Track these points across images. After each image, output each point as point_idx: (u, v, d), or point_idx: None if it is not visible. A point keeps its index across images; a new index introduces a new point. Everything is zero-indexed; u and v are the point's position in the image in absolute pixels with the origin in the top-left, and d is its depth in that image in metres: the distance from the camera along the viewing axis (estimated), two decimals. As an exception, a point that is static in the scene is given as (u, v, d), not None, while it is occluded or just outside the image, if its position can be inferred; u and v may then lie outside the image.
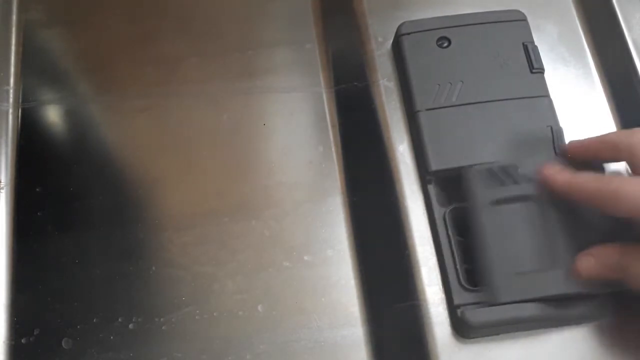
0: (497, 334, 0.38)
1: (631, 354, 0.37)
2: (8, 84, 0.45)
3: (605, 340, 0.38)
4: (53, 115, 0.45)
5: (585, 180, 0.36)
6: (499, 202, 0.38)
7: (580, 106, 0.45)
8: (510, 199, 0.39)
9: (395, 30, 0.45)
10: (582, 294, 0.36)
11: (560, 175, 0.37)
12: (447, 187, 0.40)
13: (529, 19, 0.44)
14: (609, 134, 0.38)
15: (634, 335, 0.38)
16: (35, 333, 0.39)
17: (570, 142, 0.40)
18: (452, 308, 0.38)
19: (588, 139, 0.39)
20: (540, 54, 0.43)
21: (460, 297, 0.37)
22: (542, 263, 0.37)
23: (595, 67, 0.46)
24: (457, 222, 0.39)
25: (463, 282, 0.37)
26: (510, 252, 0.37)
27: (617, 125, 0.44)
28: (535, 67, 0.42)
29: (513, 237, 0.38)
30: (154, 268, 0.40)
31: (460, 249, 0.38)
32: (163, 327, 0.39)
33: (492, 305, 0.36)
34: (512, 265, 0.37)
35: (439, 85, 0.42)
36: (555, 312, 0.36)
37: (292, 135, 0.43)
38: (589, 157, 0.39)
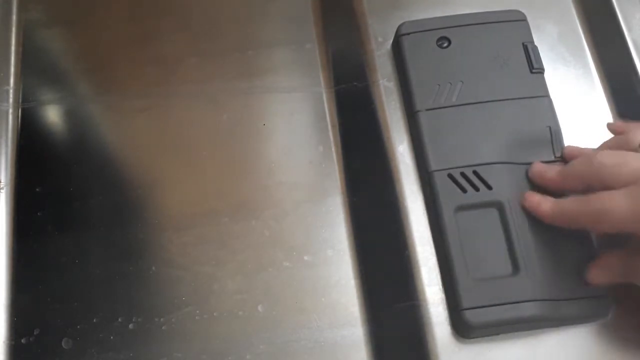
0: (497, 334, 0.38)
1: (631, 354, 0.37)
2: (8, 84, 0.45)
3: (605, 340, 0.38)
4: (53, 115, 0.45)
5: (567, 205, 0.36)
6: (464, 207, 0.39)
7: (580, 106, 0.45)
8: (476, 205, 0.39)
9: (395, 30, 0.45)
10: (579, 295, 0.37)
11: (543, 204, 0.38)
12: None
13: (529, 19, 0.44)
14: (568, 168, 0.38)
15: (633, 335, 0.38)
16: (35, 333, 0.39)
17: (534, 166, 0.40)
18: (452, 308, 0.38)
19: (550, 172, 0.39)
20: (540, 54, 0.43)
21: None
22: (506, 269, 0.38)
23: (595, 67, 0.46)
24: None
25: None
26: (475, 258, 0.38)
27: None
28: (535, 67, 0.42)
29: (478, 243, 0.38)
30: (153, 268, 0.40)
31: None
32: (163, 327, 0.39)
33: (492, 306, 0.36)
34: (476, 271, 0.37)
35: (438, 85, 0.42)
36: (555, 312, 0.37)
37: (292, 135, 0.43)
38: (555, 189, 0.38)
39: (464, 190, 0.39)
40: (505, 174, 0.40)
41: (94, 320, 0.39)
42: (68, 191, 0.42)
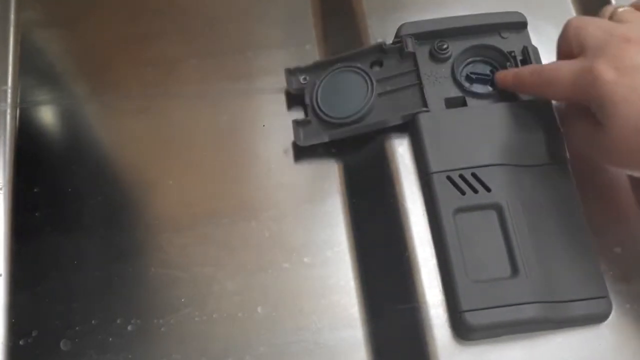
0: (497, 336, 0.38)
1: (631, 356, 0.38)
2: (6, 84, 0.45)
3: (605, 342, 0.38)
4: (51, 115, 0.45)
5: (525, 76, 0.40)
6: (463, 210, 0.39)
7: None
8: (475, 207, 0.39)
9: (394, 31, 0.45)
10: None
11: (507, 75, 0.41)
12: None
13: (529, 21, 0.44)
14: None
15: (633, 337, 0.38)
16: (33, 334, 0.39)
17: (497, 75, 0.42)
18: (452, 310, 0.38)
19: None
20: (540, 55, 0.43)
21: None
22: (506, 271, 0.38)
23: (595, 69, 0.46)
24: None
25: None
26: (474, 260, 0.38)
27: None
28: (534, 69, 0.42)
29: (477, 245, 0.38)
30: (153, 269, 0.40)
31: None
32: (162, 329, 0.39)
33: (491, 308, 0.36)
34: (476, 273, 0.37)
35: (438, 86, 0.42)
36: (555, 314, 0.37)
37: (291, 136, 0.43)
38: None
39: (462, 193, 0.39)
40: (504, 176, 0.39)
41: (93, 322, 0.39)
42: (66, 192, 0.42)
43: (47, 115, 0.45)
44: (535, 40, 0.44)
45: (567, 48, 0.38)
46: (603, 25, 0.37)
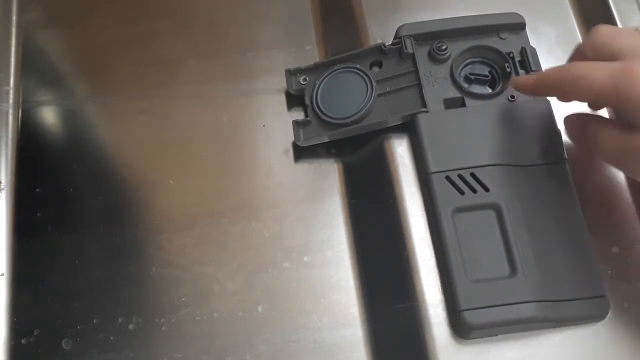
0: (496, 334, 0.38)
1: (629, 355, 0.38)
2: (8, 84, 0.46)
3: (603, 340, 0.38)
4: (53, 115, 0.45)
5: (549, 73, 0.37)
6: (461, 209, 0.39)
7: (578, 108, 0.45)
8: (473, 207, 0.39)
9: (394, 32, 0.45)
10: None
11: (529, 78, 0.38)
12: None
13: (527, 22, 0.44)
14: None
15: (632, 336, 0.38)
16: (35, 333, 0.39)
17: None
18: (451, 309, 0.38)
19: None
20: (538, 56, 0.43)
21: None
22: (504, 271, 0.38)
23: (593, 70, 0.46)
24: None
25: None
26: (473, 259, 0.38)
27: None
28: (533, 70, 0.42)
29: (476, 245, 0.38)
30: (154, 269, 0.40)
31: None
32: (163, 328, 0.39)
33: (490, 307, 0.37)
34: (474, 272, 0.37)
35: (437, 87, 0.42)
36: (554, 313, 0.37)
37: (291, 137, 0.43)
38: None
39: (461, 193, 0.39)
40: (503, 176, 0.40)
41: (94, 321, 0.39)
42: (68, 192, 0.42)
43: (48, 115, 0.45)
44: (533, 42, 0.44)
45: (594, 54, 0.36)
46: (636, 35, 0.36)
